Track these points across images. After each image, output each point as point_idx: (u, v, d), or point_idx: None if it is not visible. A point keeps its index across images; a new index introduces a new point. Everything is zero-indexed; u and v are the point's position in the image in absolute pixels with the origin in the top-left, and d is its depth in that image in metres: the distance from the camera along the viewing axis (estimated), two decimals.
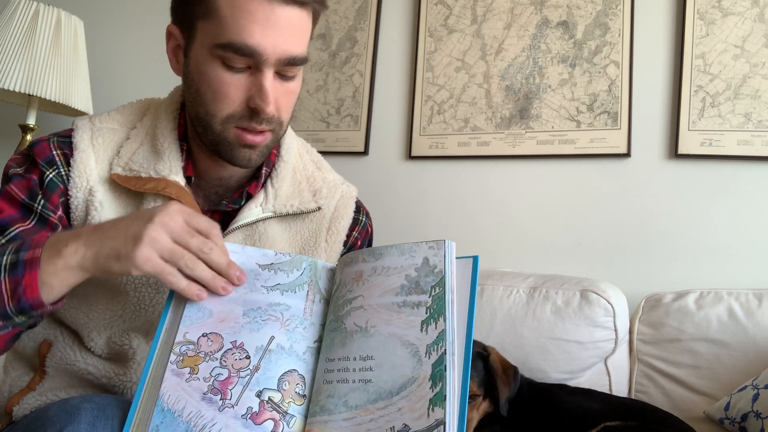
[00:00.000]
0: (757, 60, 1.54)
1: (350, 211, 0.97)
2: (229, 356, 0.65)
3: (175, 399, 0.62)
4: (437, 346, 0.62)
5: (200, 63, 0.79)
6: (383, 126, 1.93)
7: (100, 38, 2.23)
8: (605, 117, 1.67)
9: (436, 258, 0.68)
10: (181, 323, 0.67)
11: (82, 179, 0.83)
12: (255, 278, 0.71)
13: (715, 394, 1.31)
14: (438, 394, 0.59)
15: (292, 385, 0.65)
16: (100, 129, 0.87)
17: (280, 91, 0.81)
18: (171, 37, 0.85)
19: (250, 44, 0.75)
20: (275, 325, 0.68)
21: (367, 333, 0.66)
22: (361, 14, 1.98)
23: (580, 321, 1.39)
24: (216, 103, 0.79)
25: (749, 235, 1.52)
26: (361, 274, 0.70)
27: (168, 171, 0.84)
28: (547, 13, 1.76)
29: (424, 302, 0.65)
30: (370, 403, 0.61)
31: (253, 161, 0.84)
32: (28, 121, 1.94)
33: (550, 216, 1.71)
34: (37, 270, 0.65)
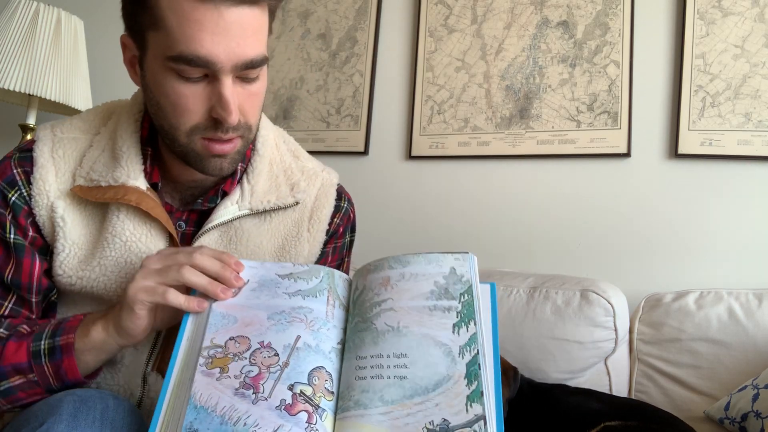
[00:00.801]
0: (757, 60, 1.54)
1: (331, 200, 0.95)
2: (258, 355, 0.67)
3: (207, 396, 0.63)
4: (470, 348, 0.65)
5: (156, 75, 0.76)
6: (383, 126, 1.93)
7: (100, 38, 2.23)
8: (605, 117, 1.67)
9: (463, 268, 0.71)
10: (207, 330, 0.69)
11: (42, 197, 0.82)
12: (276, 286, 0.73)
13: (715, 394, 1.31)
14: (475, 391, 0.61)
15: (321, 381, 0.66)
16: (61, 140, 0.85)
17: (242, 95, 0.77)
18: (125, 47, 0.81)
19: (202, 54, 0.71)
20: (300, 326, 0.69)
21: (399, 332, 0.67)
22: (361, 14, 1.98)
23: (580, 321, 1.39)
24: (177, 117, 0.76)
25: (749, 235, 1.52)
26: (388, 279, 0.73)
27: (126, 177, 0.82)
28: (547, 13, 1.76)
29: (454, 307, 0.68)
30: (406, 398, 0.63)
31: (225, 170, 0.81)
32: (28, 121, 1.94)
33: (550, 216, 1.71)
34: (73, 355, 0.73)
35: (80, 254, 0.82)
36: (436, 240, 1.81)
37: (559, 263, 1.66)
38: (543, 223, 1.71)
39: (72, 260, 0.82)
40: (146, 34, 0.75)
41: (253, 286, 0.74)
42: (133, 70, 0.82)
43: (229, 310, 0.71)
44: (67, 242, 0.82)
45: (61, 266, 0.82)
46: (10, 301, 0.82)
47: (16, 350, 0.74)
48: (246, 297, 0.73)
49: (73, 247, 0.82)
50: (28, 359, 0.73)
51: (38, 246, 0.83)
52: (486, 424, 0.59)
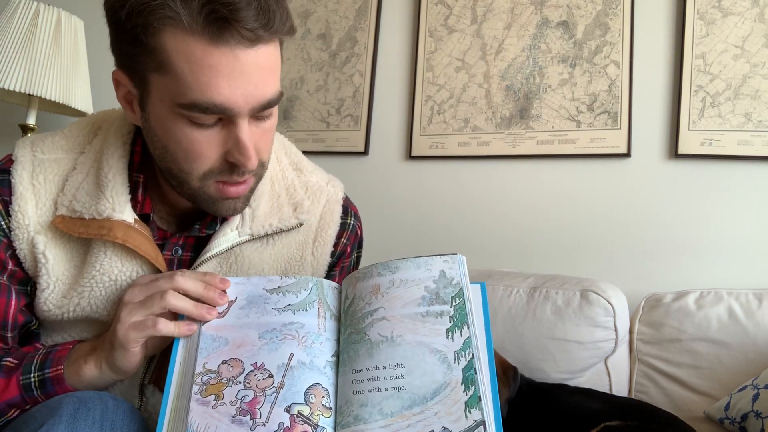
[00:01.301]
0: (757, 60, 1.54)
1: (337, 218, 0.91)
2: (252, 377, 0.66)
3: (204, 426, 0.62)
4: (465, 352, 0.64)
5: (163, 120, 0.70)
6: (383, 126, 1.93)
7: (100, 38, 2.21)
8: (605, 117, 1.67)
9: (452, 270, 0.71)
10: (198, 355, 0.68)
11: (21, 231, 0.77)
12: (265, 302, 0.72)
13: (715, 394, 1.31)
14: (473, 396, 0.61)
15: (318, 399, 0.65)
16: (41, 162, 0.78)
17: (257, 134, 0.72)
18: (119, 84, 0.74)
19: (218, 102, 0.66)
20: (293, 343, 0.68)
21: (393, 342, 0.67)
22: (361, 14, 1.98)
23: (580, 321, 1.39)
24: (190, 163, 0.71)
25: (749, 235, 1.52)
26: (378, 287, 0.72)
27: (111, 210, 0.75)
28: (547, 13, 1.76)
29: (446, 312, 0.68)
30: (405, 409, 0.62)
31: (239, 210, 0.78)
32: (28, 121, 1.94)
33: (550, 216, 1.71)
34: (65, 384, 0.71)
35: (64, 289, 0.78)
36: (436, 240, 1.81)
37: (559, 263, 1.66)
38: (543, 223, 1.71)
39: (56, 295, 0.78)
40: (148, 76, 0.69)
41: (242, 303, 0.72)
42: (130, 107, 0.75)
43: (219, 332, 0.70)
44: (51, 278, 0.77)
45: (46, 302, 0.78)
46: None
47: (5, 387, 0.71)
48: (235, 316, 0.71)
49: (57, 283, 0.78)
50: (20, 393, 0.71)
51: (18, 278, 0.79)
52: (486, 429, 0.59)
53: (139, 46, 0.67)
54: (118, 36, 0.70)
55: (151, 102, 0.70)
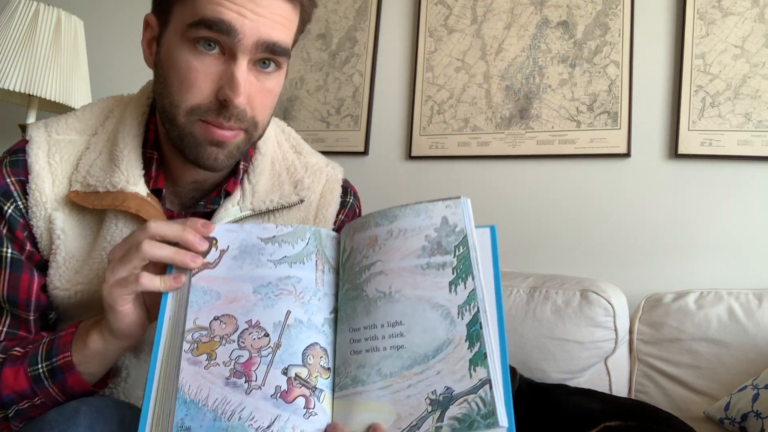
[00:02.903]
0: (757, 60, 1.54)
1: (337, 196, 0.92)
2: (247, 336, 0.62)
3: (196, 388, 0.59)
4: (469, 306, 0.60)
5: (170, 49, 0.73)
6: (383, 126, 1.93)
7: (100, 38, 2.23)
8: (605, 117, 1.67)
9: (455, 216, 0.65)
10: (189, 309, 0.63)
11: (39, 208, 0.77)
12: (259, 253, 0.67)
13: (715, 394, 1.31)
14: (478, 353, 0.57)
15: (316, 359, 0.62)
16: (57, 143, 0.80)
17: (255, 86, 0.73)
18: (147, 27, 0.78)
19: (225, 19, 0.68)
20: (289, 299, 0.64)
21: (392, 298, 0.63)
22: (361, 14, 1.98)
23: (580, 321, 1.39)
24: (182, 93, 0.72)
25: (749, 235, 1.52)
26: (375, 238, 0.67)
27: (125, 182, 0.77)
28: (547, 13, 1.76)
29: (449, 263, 0.62)
30: (405, 369, 0.59)
31: (219, 162, 0.75)
32: (28, 121, 1.94)
33: (550, 216, 1.71)
34: (76, 371, 0.69)
35: (77, 265, 0.78)
36: None
37: (559, 263, 1.66)
38: (543, 223, 1.71)
39: (69, 272, 0.78)
40: (172, 8, 0.72)
41: (234, 253, 0.67)
42: (149, 50, 0.78)
43: (210, 284, 0.65)
44: (66, 254, 0.78)
45: (60, 279, 0.78)
46: (4, 325, 0.77)
47: (14, 377, 0.70)
48: (228, 267, 0.66)
49: (72, 259, 0.78)
50: (29, 385, 0.69)
51: (35, 261, 0.79)
52: (492, 389, 0.55)
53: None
54: None
55: (166, 35, 0.74)
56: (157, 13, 0.76)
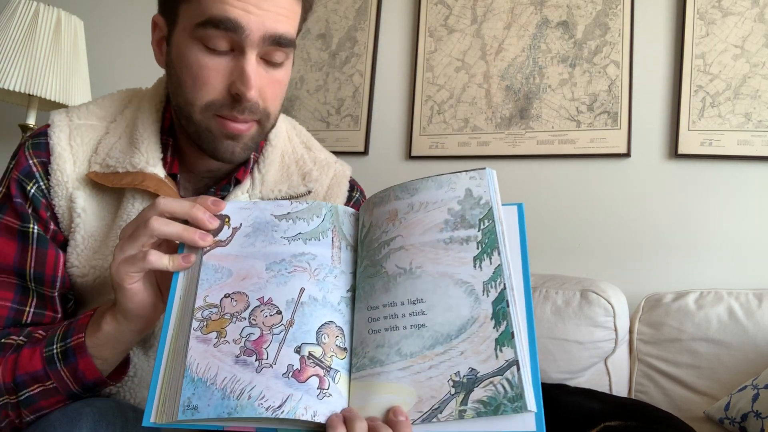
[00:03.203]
0: (757, 60, 1.54)
1: (344, 190, 0.94)
2: (258, 314, 0.59)
3: (205, 367, 0.56)
4: (495, 283, 0.56)
5: (181, 48, 0.75)
6: (383, 126, 1.93)
7: (100, 38, 2.23)
8: (605, 117, 1.67)
9: (480, 188, 0.62)
10: (199, 287, 0.61)
11: (61, 188, 0.79)
12: (273, 230, 0.65)
13: (715, 394, 1.31)
14: (504, 332, 0.54)
15: (331, 338, 0.59)
16: (78, 127, 0.82)
17: (265, 79, 0.75)
18: (156, 27, 0.80)
19: (232, 17, 0.70)
20: (303, 276, 0.61)
21: (413, 274, 0.59)
22: (361, 14, 1.98)
23: (580, 321, 1.39)
24: (195, 90, 0.74)
25: (749, 235, 1.52)
26: (396, 213, 0.63)
27: (145, 163, 0.79)
28: (547, 13, 1.76)
29: (473, 237, 0.59)
30: (427, 349, 0.55)
31: (237, 155, 0.78)
32: (28, 121, 1.94)
33: (549, 216, 1.71)
34: (87, 354, 0.67)
35: (95, 245, 0.80)
36: None
37: (559, 263, 1.66)
38: (543, 223, 1.71)
39: (87, 251, 0.80)
40: (179, 7, 0.74)
41: (247, 230, 0.65)
42: (159, 50, 0.81)
43: (221, 261, 0.63)
44: (86, 233, 0.79)
45: (78, 258, 0.79)
46: (31, 305, 0.78)
47: (30, 357, 0.69)
48: (240, 244, 0.64)
49: (90, 238, 0.80)
50: (43, 365, 0.68)
51: (59, 241, 0.80)
52: (519, 370, 0.52)
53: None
54: None
55: (175, 34, 0.76)
56: (164, 14, 0.78)
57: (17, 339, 0.73)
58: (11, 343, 0.72)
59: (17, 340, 0.73)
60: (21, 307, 0.77)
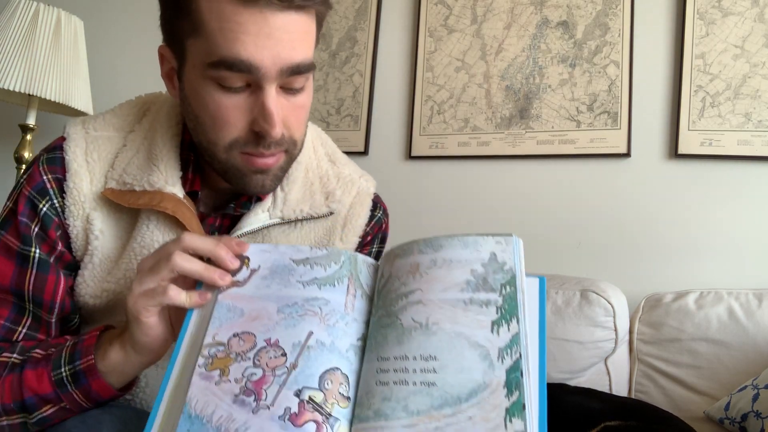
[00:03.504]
0: (757, 60, 1.54)
1: (366, 209, 0.90)
2: (263, 354, 0.59)
3: (203, 404, 0.56)
4: (511, 350, 0.55)
5: (195, 86, 0.70)
6: (383, 126, 1.93)
7: (100, 38, 2.23)
8: (605, 117, 1.67)
9: (505, 254, 0.62)
10: (210, 325, 0.61)
11: (77, 207, 0.76)
12: (290, 274, 0.65)
13: (715, 394, 1.31)
14: (516, 403, 0.52)
15: (335, 385, 0.58)
16: (95, 140, 0.79)
17: (287, 108, 0.71)
18: (164, 59, 0.75)
19: (244, 58, 0.65)
20: (313, 320, 0.61)
21: (428, 330, 0.58)
22: (361, 14, 1.98)
23: (580, 321, 1.39)
24: (216, 131, 0.70)
25: (749, 235, 1.52)
26: (417, 266, 0.63)
27: (163, 182, 0.75)
28: (547, 13, 1.76)
29: (494, 301, 0.58)
30: (434, 409, 0.54)
31: (267, 187, 0.75)
32: (28, 121, 1.94)
33: (550, 216, 1.71)
34: (99, 376, 0.66)
35: (110, 266, 0.77)
36: None
37: (559, 263, 1.66)
38: (543, 223, 1.71)
39: (103, 273, 0.76)
40: (186, 42, 0.69)
41: (265, 273, 0.65)
42: (171, 83, 0.76)
43: (236, 301, 0.63)
44: (103, 256, 0.76)
45: (94, 279, 0.76)
46: (24, 326, 0.75)
47: (37, 379, 0.67)
48: (256, 286, 0.64)
49: (106, 260, 0.76)
50: (54, 389, 0.67)
51: (66, 262, 0.77)
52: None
53: (178, 11, 0.69)
54: (162, 5, 0.72)
55: (186, 70, 0.71)
56: (170, 46, 0.73)
57: (11, 357, 0.70)
58: (5, 362, 0.70)
59: (11, 358, 0.70)
60: (13, 326, 0.74)
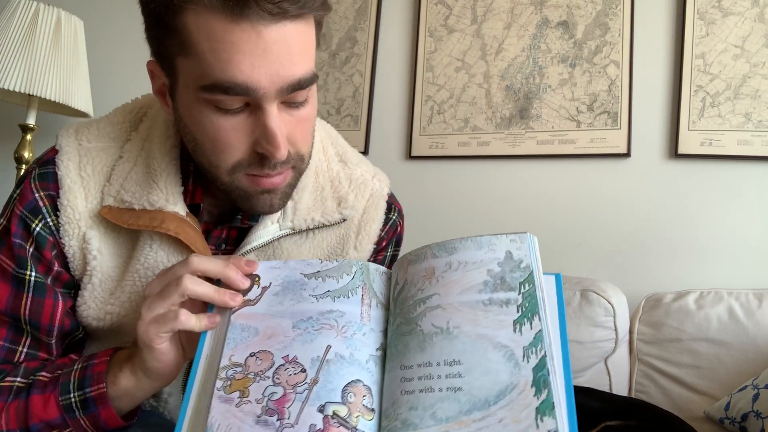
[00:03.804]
0: (757, 60, 1.54)
1: (381, 213, 0.85)
2: (282, 372, 0.58)
3: (226, 428, 0.55)
4: (536, 349, 0.54)
5: (190, 107, 0.65)
6: (383, 126, 1.93)
7: (100, 38, 2.23)
8: (605, 117, 1.67)
9: (520, 252, 0.61)
10: (225, 347, 0.60)
11: (72, 226, 0.72)
12: (302, 288, 0.64)
13: (715, 394, 1.31)
14: (545, 401, 0.51)
15: (358, 398, 0.56)
16: (88, 152, 0.74)
17: (291, 123, 0.66)
18: (153, 75, 0.70)
19: (240, 81, 0.60)
20: (330, 334, 0.60)
21: (450, 334, 0.57)
22: (361, 14, 1.98)
23: (580, 321, 1.39)
24: (218, 154, 0.66)
25: (749, 235, 1.52)
26: (432, 270, 0.62)
27: (164, 201, 0.71)
28: (547, 13, 1.76)
29: (513, 300, 0.58)
30: (463, 414, 0.53)
31: (276, 207, 0.71)
32: (28, 121, 1.94)
33: (550, 216, 1.71)
34: (109, 404, 0.65)
35: (111, 286, 0.74)
36: (436, 241, 1.81)
37: (559, 263, 1.66)
38: (543, 223, 1.71)
39: (104, 294, 0.73)
40: (175, 60, 0.64)
41: (276, 290, 0.64)
42: (164, 100, 0.71)
43: (249, 321, 0.62)
44: (103, 276, 0.73)
45: (95, 300, 0.73)
46: (24, 345, 0.72)
47: (44, 405, 0.65)
48: (268, 303, 0.63)
49: (107, 280, 0.73)
50: (61, 414, 0.65)
51: (63, 281, 0.74)
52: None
53: (164, 29, 0.63)
54: (147, 21, 0.66)
55: (179, 89, 0.66)
56: (159, 62, 0.68)
57: (15, 381, 0.68)
58: (8, 386, 0.68)
59: (15, 382, 0.68)
60: (13, 346, 0.72)
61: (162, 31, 0.63)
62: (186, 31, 0.61)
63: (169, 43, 0.63)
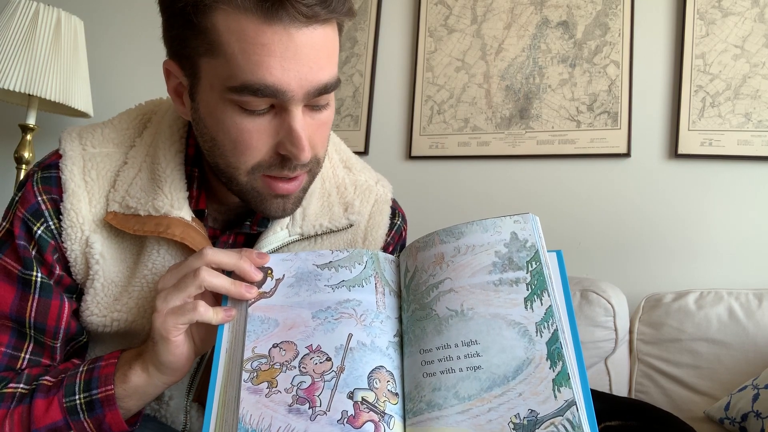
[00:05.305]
0: (757, 60, 1.54)
1: (386, 218, 0.87)
2: (308, 361, 0.60)
3: (258, 418, 0.56)
4: (547, 323, 0.57)
5: (213, 108, 0.65)
6: (383, 126, 1.93)
7: (100, 38, 2.23)
8: (605, 117, 1.67)
9: (525, 232, 0.64)
10: (247, 338, 0.61)
11: (75, 230, 0.72)
12: (316, 279, 0.66)
13: (715, 394, 1.31)
14: (561, 373, 0.54)
15: (383, 383, 0.59)
16: (93, 157, 0.74)
17: (312, 126, 0.67)
18: (170, 75, 0.70)
19: (270, 83, 0.61)
20: (350, 322, 0.62)
21: (465, 316, 0.60)
22: (361, 14, 1.98)
23: (580, 321, 1.39)
24: (238, 155, 0.66)
25: (749, 235, 1.52)
26: (442, 256, 0.64)
27: (169, 207, 0.71)
28: (547, 13, 1.76)
29: (522, 278, 0.60)
30: (484, 391, 0.55)
31: (288, 211, 0.72)
32: (28, 121, 1.94)
33: (550, 216, 1.71)
34: (116, 407, 0.65)
35: (116, 292, 0.73)
36: None
37: None
38: (543, 223, 1.70)
39: (108, 299, 0.73)
40: (199, 61, 0.64)
41: (290, 281, 0.66)
42: (180, 100, 0.71)
43: (267, 312, 0.63)
44: (105, 280, 0.73)
45: (98, 306, 0.73)
46: (26, 352, 0.71)
47: (46, 409, 0.65)
48: (284, 295, 0.65)
49: (111, 285, 0.73)
50: (64, 416, 0.64)
51: (65, 285, 0.73)
52: (578, 410, 0.52)
53: (190, 29, 0.63)
54: (169, 21, 0.66)
55: (201, 90, 0.66)
56: (178, 61, 0.68)
57: (17, 387, 0.67)
58: (11, 393, 0.67)
59: (18, 389, 0.67)
60: (16, 352, 0.71)
61: (187, 32, 0.64)
62: (215, 31, 0.61)
63: (194, 43, 0.63)
